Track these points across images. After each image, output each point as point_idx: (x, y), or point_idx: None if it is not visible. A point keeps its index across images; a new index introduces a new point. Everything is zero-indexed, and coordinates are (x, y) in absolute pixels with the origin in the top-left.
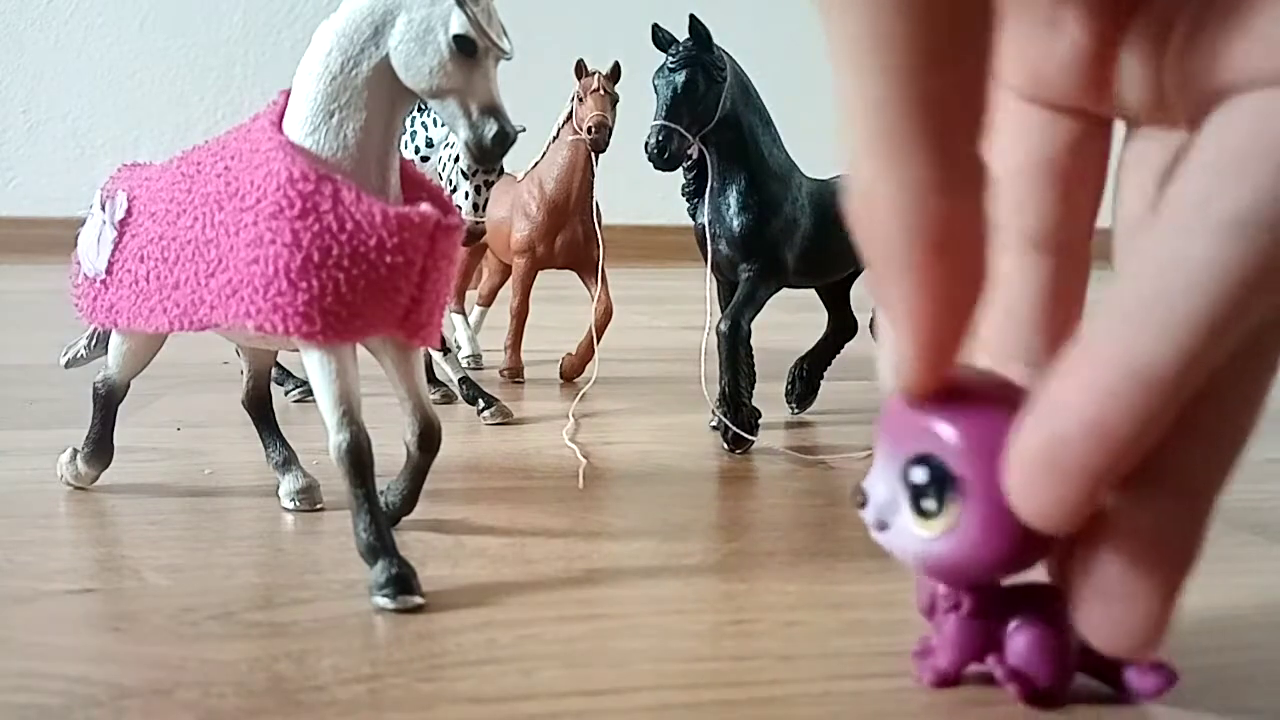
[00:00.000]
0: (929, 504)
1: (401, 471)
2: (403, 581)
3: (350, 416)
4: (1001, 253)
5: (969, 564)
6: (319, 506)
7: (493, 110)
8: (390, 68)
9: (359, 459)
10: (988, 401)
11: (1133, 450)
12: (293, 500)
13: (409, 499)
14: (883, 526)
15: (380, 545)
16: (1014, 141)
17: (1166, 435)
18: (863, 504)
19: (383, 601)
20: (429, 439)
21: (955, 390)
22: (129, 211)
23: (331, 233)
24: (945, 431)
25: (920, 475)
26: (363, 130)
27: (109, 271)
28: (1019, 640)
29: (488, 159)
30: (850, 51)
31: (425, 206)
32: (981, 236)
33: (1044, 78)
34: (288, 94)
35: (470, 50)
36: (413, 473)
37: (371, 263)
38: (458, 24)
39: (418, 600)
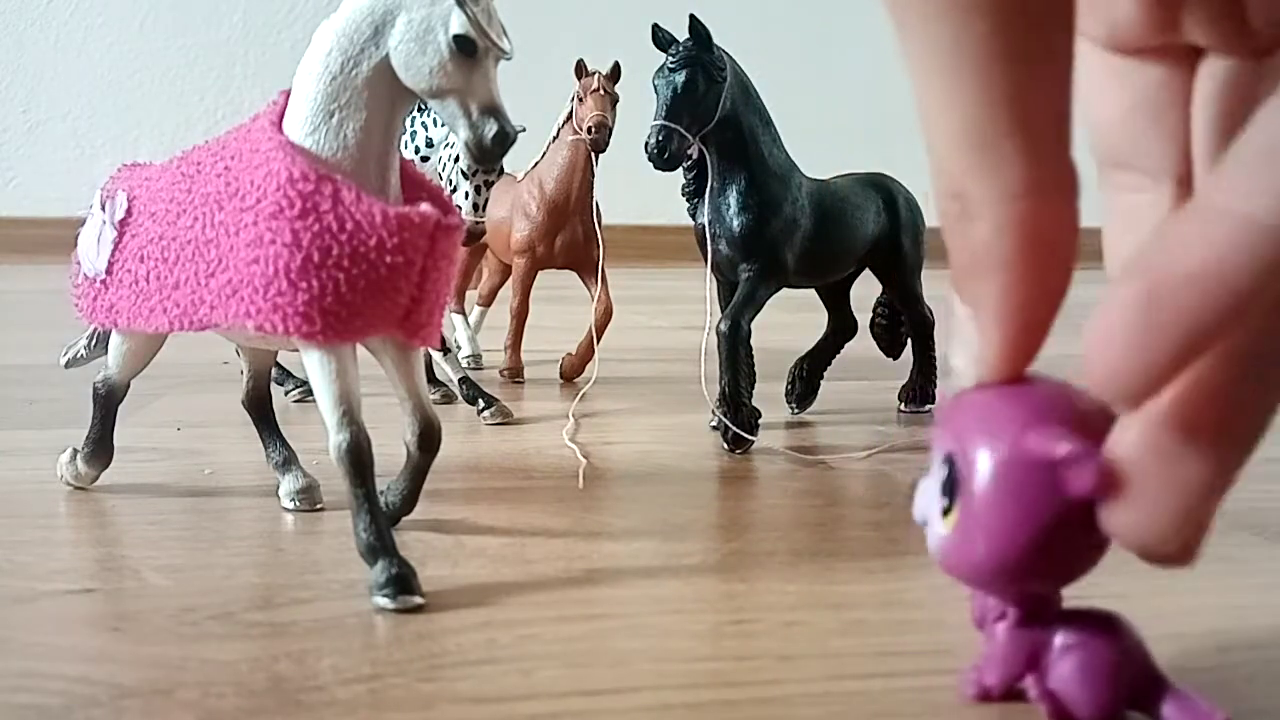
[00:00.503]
0: (944, 501)
1: (401, 471)
2: (403, 581)
3: (350, 416)
4: (1119, 194)
5: (966, 565)
6: (319, 506)
7: (493, 110)
8: (390, 68)
9: (359, 459)
10: (1021, 397)
11: (1239, 310)
12: (293, 500)
13: (409, 499)
14: (924, 523)
15: (380, 545)
16: (1106, 90)
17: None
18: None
19: (383, 601)
20: (429, 439)
21: (1002, 386)
22: (129, 211)
23: (331, 233)
24: (963, 431)
25: (942, 473)
26: (363, 130)
27: (109, 271)
28: (1064, 664)
29: (488, 159)
30: (933, 55)
31: (425, 206)
32: (1070, 234)
33: (1118, 24)
34: (288, 94)
35: (470, 50)
36: (413, 473)
37: (371, 263)
38: (458, 24)
39: (418, 600)
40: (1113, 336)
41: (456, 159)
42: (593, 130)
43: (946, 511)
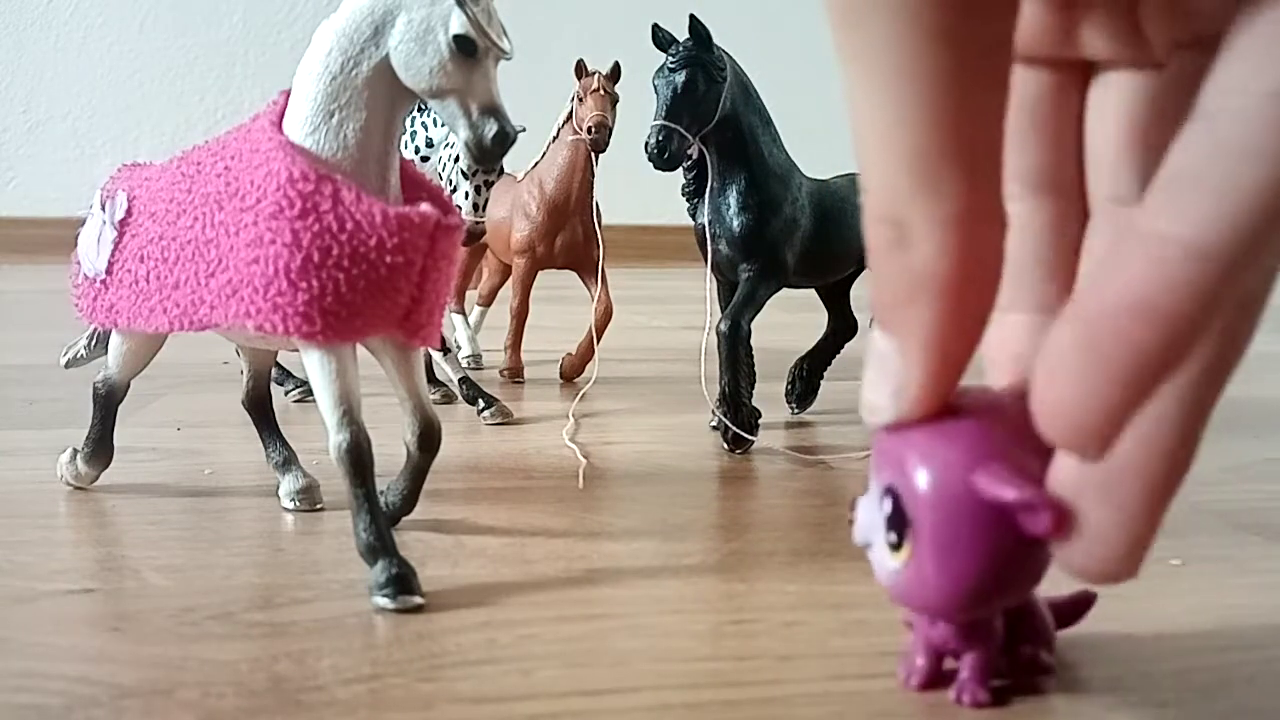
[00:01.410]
0: (891, 537)
1: (401, 471)
2: (403, 581)
3: (350, 416)
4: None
5: (920, 601)
6: (319, 506)
7: (493, 110)
8: (390, 68)
9: (359, 459)
10: (964, 433)
11: (1185, 339)
12: (293, 500)
13: (409, 499)
14: (866, 545)
15: (380, 545)
16: None
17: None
18: (852, 521)
19: (383, 601)
20: (429, 439)
21: (940, 419)
22: (129, 211)
23: (331, 233)
24: (907, 468)
25: (887, 507)
26: (363, 130)
27: (109, 271)
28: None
29: (488, 159)
30: (879, 79)
31: (425, 206)
32: (1000, 261)
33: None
34: (288, 94)
35: (470, 50)
36: (413, 473)
37: (371, 263)
38: (458, 24)
39: (418, 600)
40: (1059, 381)
41: (456, 159)
42: (593, 130)
43: (896, 547)
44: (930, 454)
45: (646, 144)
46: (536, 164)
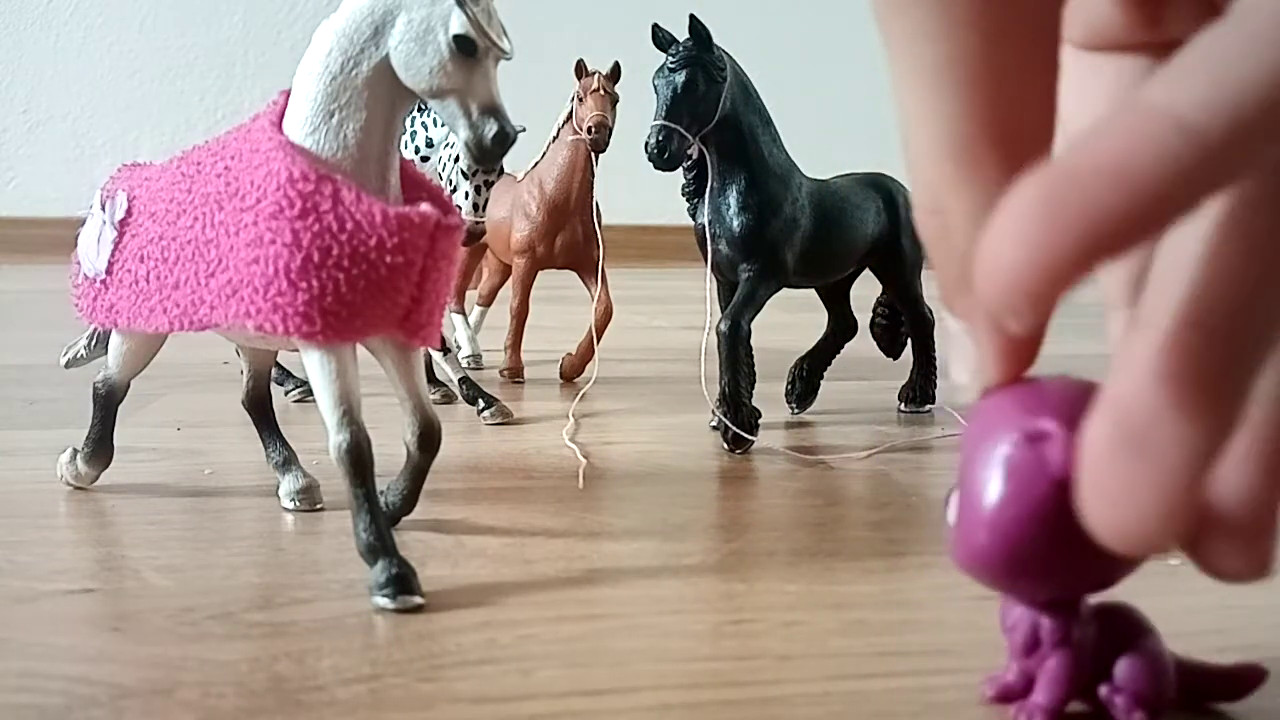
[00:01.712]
0: (949, 494)
1: (401, 471)
2: (403, 581)
3: (350, 416)
4: None
5: (955, 555)
6: (319, 506)
7: (493, 110)
8: (390, 68)
9: (359, 459)
10: (1008, 394)
11: (1148, 214)
12: (293, 500)
13: (409, 499)
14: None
15: (380, 545)
16: (1085, 90)
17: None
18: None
19: (383, 601)
20: (429, 439)
21: (1006, 390)
22: (129, 211)
23: (331, 233)
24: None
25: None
26: (363, 130)
27: (109, 271)
28: (1129, 666)
29: (488, 159)
30: (919, 67)
31: (425, 206)
32: None
33: (1096, 25)
34: (288, 94)
35: (470, 50)
36: (413, 473)
37: (371, 263)
38: (458, 24)
39: (417, 600)
40: (1009, 231)
41: (456, 159)
42: (593, 130)
43: (948, 503)
44: (974, 412)
45: (646, 144)
46: (536, 164)
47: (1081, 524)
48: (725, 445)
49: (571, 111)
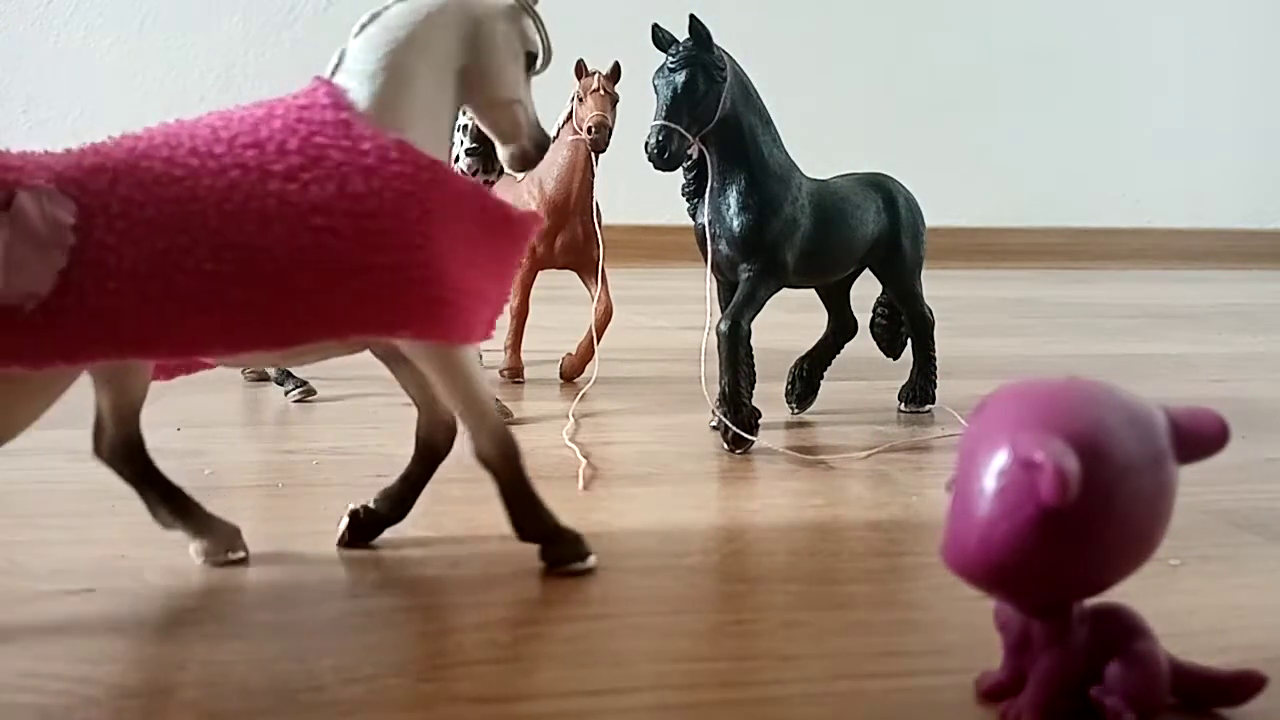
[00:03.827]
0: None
1: (401, 477)
2: (583, 542)
3: (494, 408)
4: None
5: (947, 563)
6: (240, 556)
7: (538, 120)
8: (465, 76)
9: (518, 450)
10: (1023, 420)
11: None
12: (209, 554)
13: (405, 506)
14: None
15: (555, 521)
16: None
17: None
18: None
19: (591, 561)
20: (449, 439)
21: (1013, 403)
22: (86, 216)
23: (466, 229)
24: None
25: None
26: (435, 137)
27: (61, 293)
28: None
29: (531, 165)
30: None
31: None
32: None
33: None
34: (326, 84)
35: (532, 64)
36: (418, 479)
37: (502, 259)
38: (533, 39)
39: (583, 565)
40: None
41: (456, 159)
42: (593, 130)
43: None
44: (977, 411)
45: (646, 144)
46: None
47: (1065, 544)
48: (725, 445)
49: (571, 111)
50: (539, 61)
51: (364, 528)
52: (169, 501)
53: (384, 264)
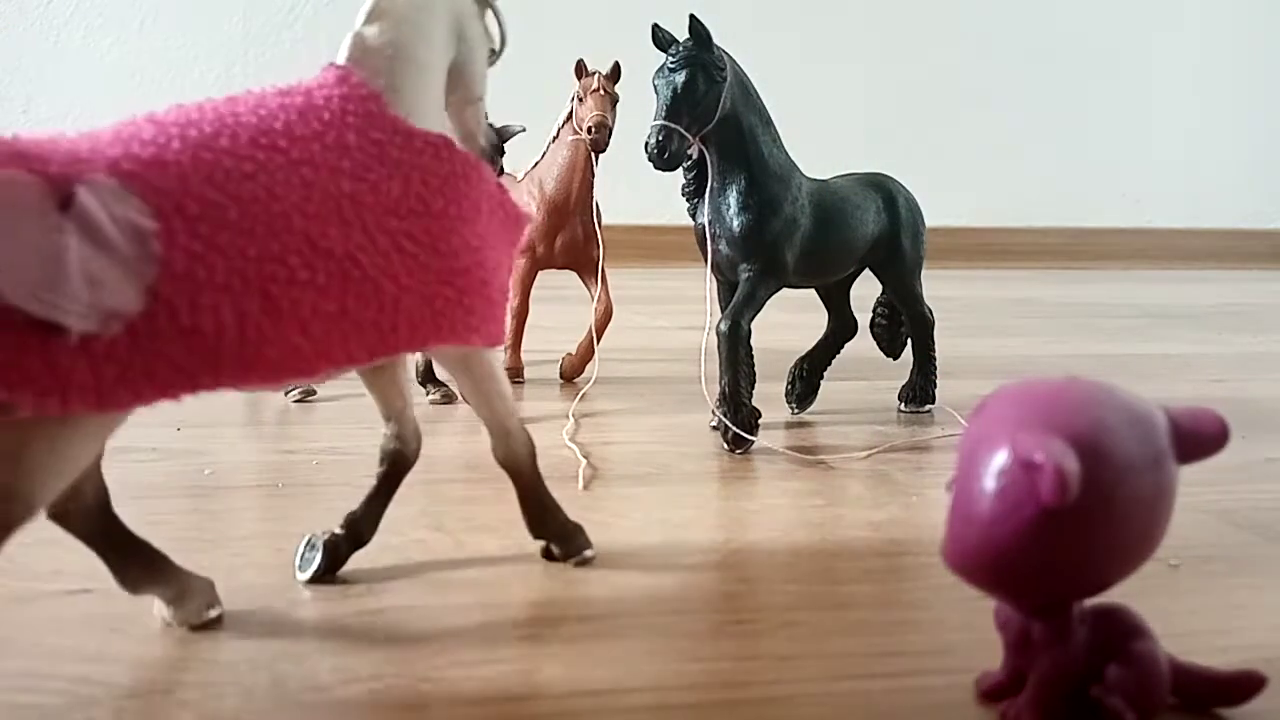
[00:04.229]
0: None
1: (371, 494)
2: (584, 533)
3: (517, 409)
4: None
5: (947, 561)
6: (218, 613)
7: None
8: (449, 71)
9: (535, 450)
10: (1024, 421)
11: None
12: (185, 617)
13: (375, 524)
14: None
15: (564, 517)
16: None
17: None
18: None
19: (590, 553)
20: (414, 447)
21: (1015, 404)
22: (167, 215)
23: (505, 230)
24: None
25: None
26: (448, 131)
27: (149, 315)
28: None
29: (492, 160)
30: None
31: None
32: None
33: None
34: (349, 71)
35: (492, 60)
36: (386, 494)
37: (506, 252)
38: (493, 34)
39: (591, 553)
40: None
41: None
42: (593, 130)
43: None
44: (978, 410)
45: (646, 144)
46: (536, 164)
47: (1065, 544)
48: (725, 445)
49: (571, 111)
50: (497, 57)
51: (337, 559)
52: (138, 560)
53: (456, 268)
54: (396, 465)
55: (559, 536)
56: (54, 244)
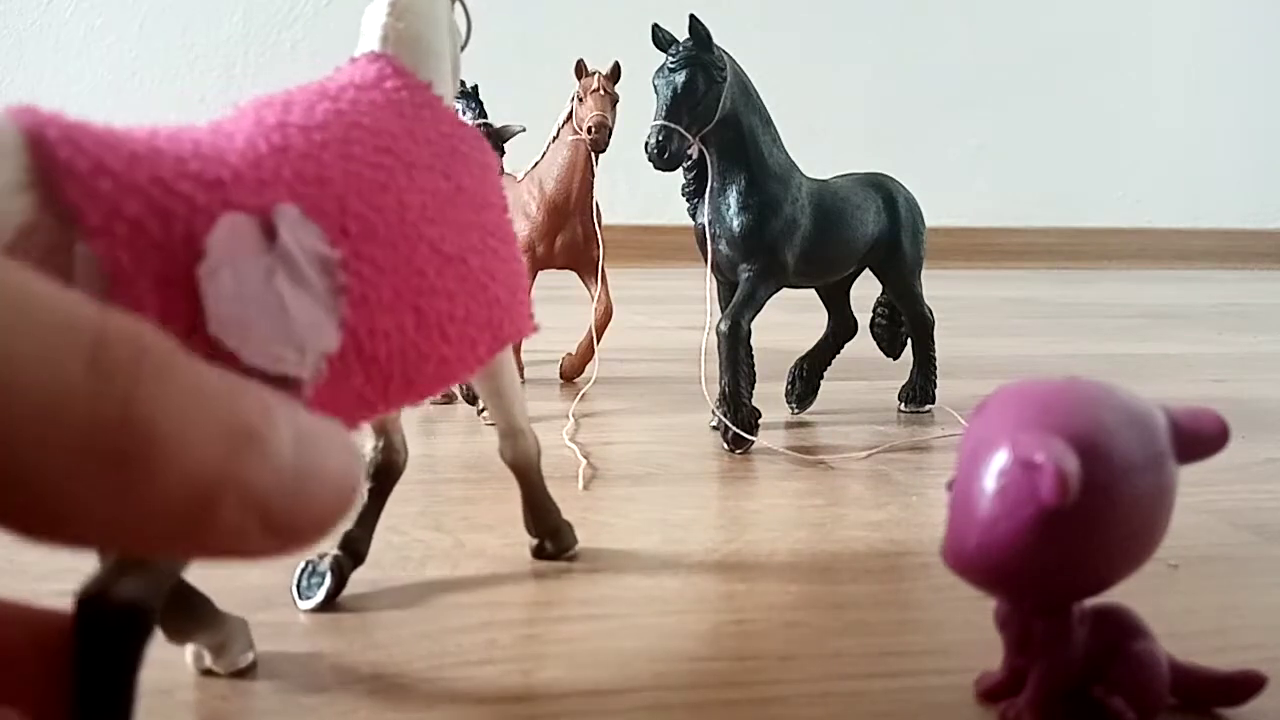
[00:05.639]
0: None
1: (359, 517)
2: (572, 530)
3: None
4: None
5: (946, 561)
6: (253, 658)
7: None
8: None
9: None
10: (1024, 421)
11: None
12: (227, 662)
13: (369, 542)
14: None
15: (560, 515)
16: None
17: None
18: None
19: (575, 550)
20: (405, 460)
21: (1015, 404)
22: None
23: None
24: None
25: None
26: None
27: (342, 356)
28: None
29: None
30: None
31: None
32: None
33: None
34: (398, 68)
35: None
36: (380, 506)
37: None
38: (464, 27)
39: (575, 549)
40: None
41: None
42: (593, 130)
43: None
44: (979, 410)
45: (646, 144)
46: (536, 164)
47: (1065, 544)
48: (725, 445)
49: (571, 111)
50: (462, 49)
51: (342, 582)
52: (183, 607)
53: (513, 258)
54: (387, 476)
55: (554, 533)
56: (274, 292)
